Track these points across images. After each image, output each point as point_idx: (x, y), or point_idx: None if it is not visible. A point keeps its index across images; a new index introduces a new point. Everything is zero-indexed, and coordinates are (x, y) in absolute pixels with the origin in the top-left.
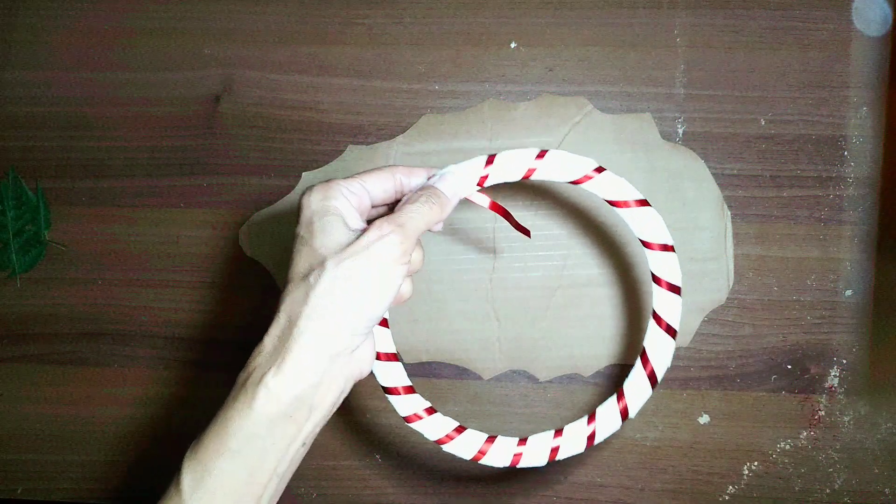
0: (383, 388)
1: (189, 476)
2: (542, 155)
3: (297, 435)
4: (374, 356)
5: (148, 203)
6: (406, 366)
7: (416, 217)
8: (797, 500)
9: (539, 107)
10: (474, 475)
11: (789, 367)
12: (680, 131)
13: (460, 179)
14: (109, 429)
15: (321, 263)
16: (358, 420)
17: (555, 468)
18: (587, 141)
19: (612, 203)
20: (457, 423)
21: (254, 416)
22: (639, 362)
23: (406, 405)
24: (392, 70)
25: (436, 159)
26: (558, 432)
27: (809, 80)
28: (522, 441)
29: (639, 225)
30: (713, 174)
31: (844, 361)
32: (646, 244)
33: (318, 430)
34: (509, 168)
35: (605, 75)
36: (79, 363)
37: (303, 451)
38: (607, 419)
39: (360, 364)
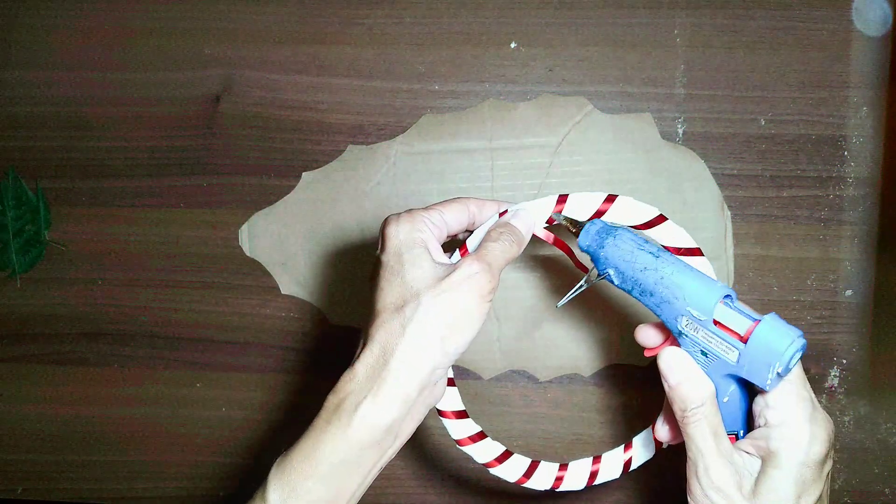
0: (439, 411)
1: (276, 495)
2: (611, 199)
3: (379, 461)
4: (446, 384)
5: (148, 203)
6: None
7: (500, 256)
8: None
9: (539, 107)
10: (475, 476)
11: None
12: (680, 131)
13: (533, 217)
14: (109, 429)
15: (415, 297)
16: None
17: None
18: (587, 141)
19: (666, 248)
20: (503, 448)
21: (347, 443)
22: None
23: (459, 429)
24: (392, 70)
25: (436, 159)
26: (597, 459)
27: (809, 80)
28: (563, 466)
29: None
30: (713, 174)
31: (844, 361)
32: None
33: (394, 455)
34: (580, 209)
35: (605, 75)
36: (79, 363)
37: (376, 474)
38: (643, 448)
39: (437, 393)
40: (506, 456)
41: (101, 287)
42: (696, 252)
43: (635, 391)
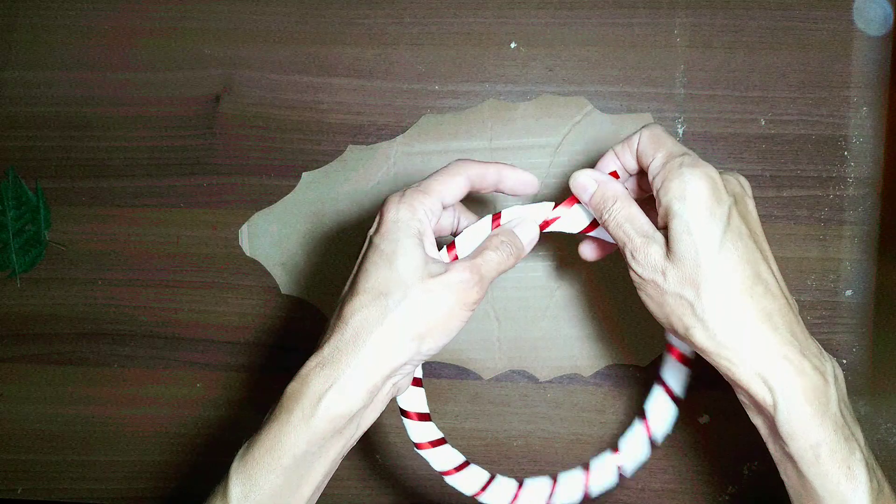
0: (402, 411)
1: (238, 488)
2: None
3: (343, 449)
4: (411, 381)
5: (148, 203)
6: None
7: (495, 267)
8: None
9: (539, 107)
10: None
11: None
12: (680, 131)
13: (537, 231)
14: (109, 429)
15: (402, 288)
16: None
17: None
18: (587, 141)
19: None
20: (463, 458)
21: (311, 434)
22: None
23: (420, 432)
24: (392, 70)
25: (436, 159)
26: (555, 479)
27: (809, 80)
28: (520, 485)
29: None
30: None
31: (844, 361)
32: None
33: (355, 443)
34: (574, 220)
35: (605, 75)
36: (79, 363)
37: (339, 461)
38: (636, 449)
39: (401, 387)
40: (464, 466)
41: (101, 287)
42: None
43: (635, 391)
